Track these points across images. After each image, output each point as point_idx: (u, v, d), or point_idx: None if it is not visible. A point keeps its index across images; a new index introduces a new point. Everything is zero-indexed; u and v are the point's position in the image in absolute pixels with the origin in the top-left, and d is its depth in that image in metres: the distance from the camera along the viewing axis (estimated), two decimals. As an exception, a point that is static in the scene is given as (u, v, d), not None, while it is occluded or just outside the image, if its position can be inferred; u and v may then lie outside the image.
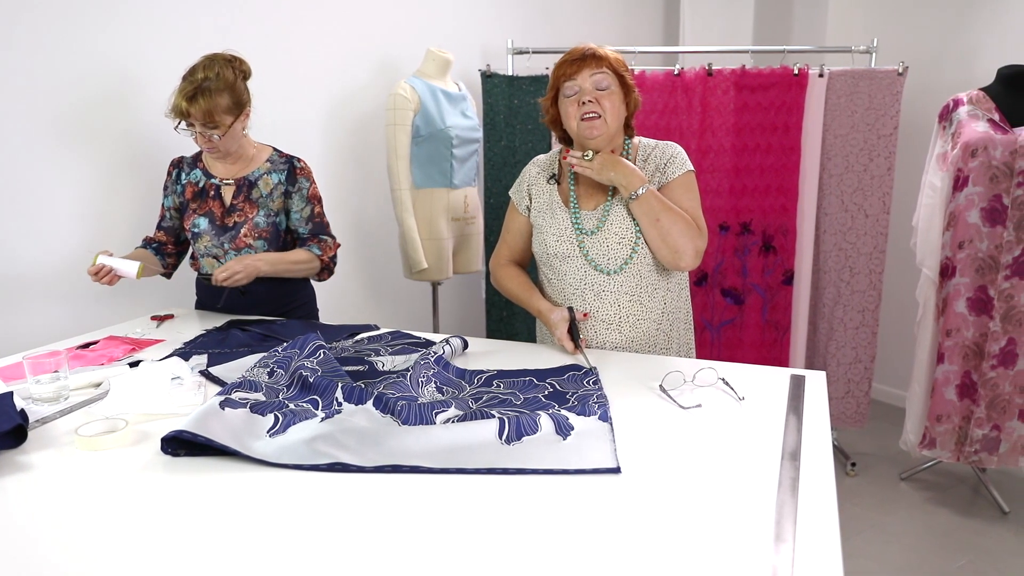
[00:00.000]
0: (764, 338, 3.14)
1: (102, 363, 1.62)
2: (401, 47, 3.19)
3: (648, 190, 1.63)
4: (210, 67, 1.89)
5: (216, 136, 1.93)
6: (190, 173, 2.08)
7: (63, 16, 2.17)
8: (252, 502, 0.99)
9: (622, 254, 1.69)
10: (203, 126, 1.91)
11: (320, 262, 2.11)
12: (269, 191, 2.05)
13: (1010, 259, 2.53)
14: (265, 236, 2.04)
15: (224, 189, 2.06)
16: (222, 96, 1.89)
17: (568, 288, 1.75)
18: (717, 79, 2.98)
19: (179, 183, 2.09)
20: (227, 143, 1.97)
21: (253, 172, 2.05)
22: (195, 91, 1.86)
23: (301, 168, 2.08)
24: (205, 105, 1.86)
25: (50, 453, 1.16)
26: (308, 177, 2.09)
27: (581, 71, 1.64)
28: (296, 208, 2.08)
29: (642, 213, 1.64)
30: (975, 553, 2.47)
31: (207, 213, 2.04)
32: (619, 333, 1.73)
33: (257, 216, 2.03)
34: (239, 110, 1.95)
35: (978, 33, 3.25)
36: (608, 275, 1.70)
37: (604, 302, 1.72)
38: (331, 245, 2.13)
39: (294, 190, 2.06)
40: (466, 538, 0.89)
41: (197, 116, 1.88)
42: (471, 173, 3.05)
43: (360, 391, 1.29)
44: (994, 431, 2.64)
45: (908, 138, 3.44)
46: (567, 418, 1.20)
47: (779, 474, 1.04)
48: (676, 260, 1.66)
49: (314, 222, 2.11)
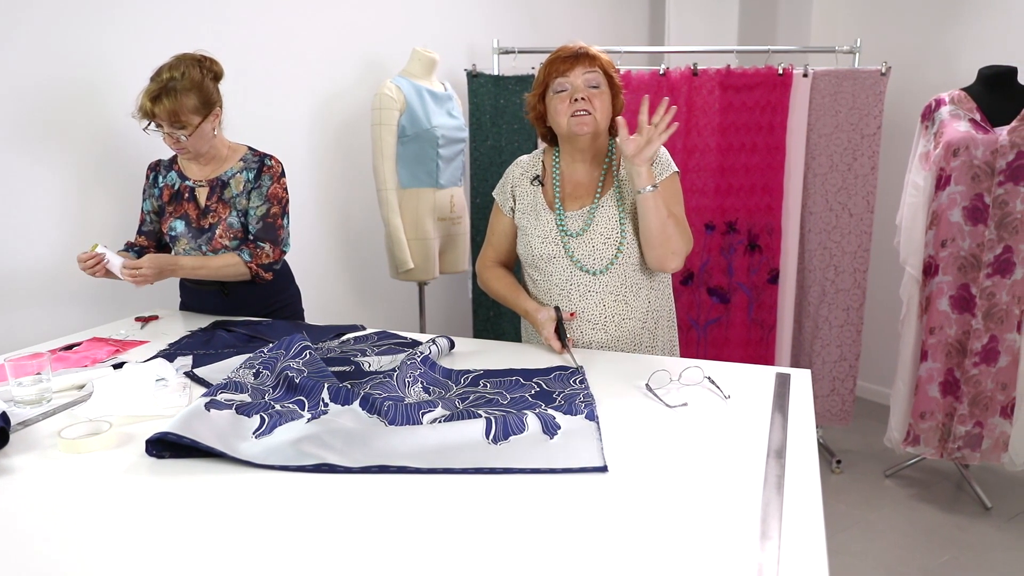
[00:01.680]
0: (750, 337, 3.16)
1: (86, 365, 1.60)
2: (387, 47, 3.18)
3: (658, 187, 1.61)
4: (176, 67, 1.86)
5: (183, 137, 1.89)
6: (166, 176, 2.06)
7: (39, 15, 2.15)
8: (238, 504, 0.98)
9: (607, 254, 1.70)
10: (170, 126, 1.88)
11: (247, 269, 2.00)
12: (241, 190, 2.01)
13: (991, 257, 2.56)
14: (240, 236, 2.02)
15: (198, 191, 2.03)
16: (188, 96, 1.86)
17: (554, 289, 1.75)
18: (702, 79, 2.99)
19: (156, 186, 2.06)
20: (196, 143, 1.93)
21: (226, 172, 2.02)
22: (160, 91, 1.83)
23: (269, 167, 2.03)
24: (170, 105, 1.83)
25: (33, 456, 1.15)
26: (272, 175, 2.02)
27: (574, 68, 1.64)
28: (253, 205, 2.01)
29: (655, 207, 1.60)
30: (958, 548, 2.50)
31: (183, 216, 2.02)
32: (604, 332, 1.74)
33: (230, 216, 2.00)
34: (207, 110, 1.91)
35: (959, 34, 3.29)
36: (594, 275, 1.71)
37: (589, 302, 1.72)
38: (268, 253, 2.00)
39: (256, 187, 2.01)
40: (453, 538, 0.89)
41: (162, 116, 1.85)
42: (457, 173, 3.05)
43: (347, 392, 1.29)
44: (976, 428, 2.67)
45: (891, 138, 3.47)
46: (554, 417, 1.20)
47: (765, 472, 1.05)
48: (666, 262, 1.66)
49: (265, 222, 2.01)
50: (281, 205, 2.04)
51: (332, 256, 3.16)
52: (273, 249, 2.02)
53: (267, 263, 2.01)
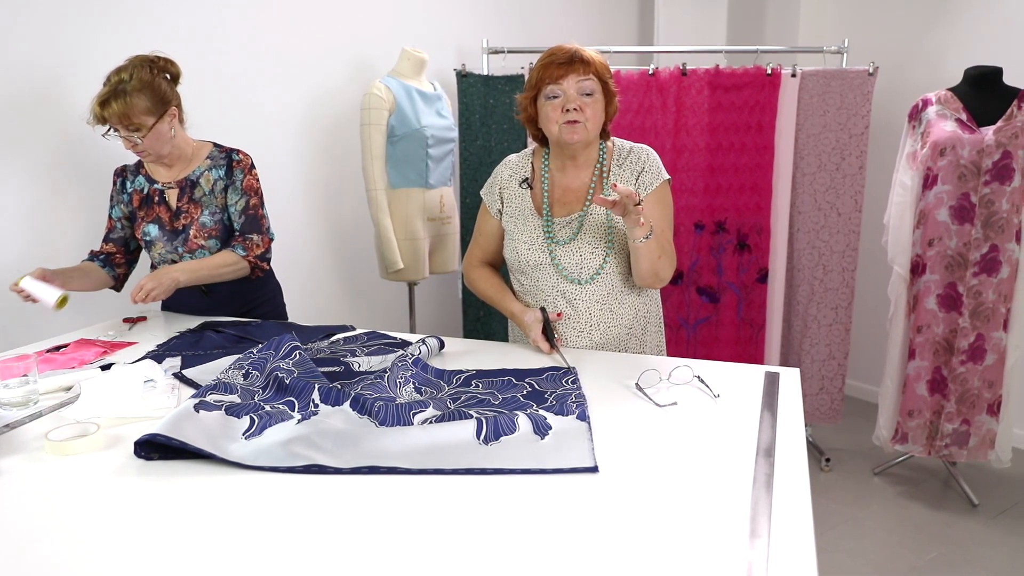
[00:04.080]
0: (739, 336, 3.17)
1: (73, 366, 1.59)
2: (376, 46, 3.17)
3: (653, 234, 1.60)
4: (125, 69, 1.84)
5: (139, 140, 1.87)
6: (134, 180, 2.04)
7: (44, 14, 2.14)
8: (228, 505, 0.98)
9: (594, 264, 1.69)
10: (124, 129, 1.86)
11: (247, 263, 2.02)
12: (211, 188, 2.00)
13: (978, 256, 2.58)
14: (215, 235, 2.01)
15: (168, 193, 2.01)
16: (138, 97, 1.83)
17: (540, 294, 1.74)
18: (691, 79, 3.00)
19: (125, 192, 2.05)
20: (153, 145, 1.91)
21: (194, 171, 2.01)
22: (109, 95, 1.82)
23: (239, 161, 2.02)
24: (119, 108, 1.81)
25: (19, 459, 1.14)
26: (243, 168, 2.02)
27: (567, 76, 1.60)
28: (232, 201, 2.01)
29: (647, 252, 1.60)
30: (946, 545, 2.52)
31: (155, 220, 2.01)
32: (589, 339, 1.74)
33: (203, 216, 1.99)
34: (161, 109, 1.88)
35: (945, 35, 3.31)
36: (580, 285, 1.70)
37: (575, 309, 1.72)
38: (259, 243, 2.03)
39: (230, 183, 2.01)
40: (444, 539, 0.89)
41: (114, 120, 1.83)
42: (447, 173, 3.05)
43: (337, 392, 1.29)
44: (964, 425, 2.69)
45: (879, 137, 3.49)
46: (545, 418, 1.20)
47: (754, 470, 1.05)
48: (653, 283, 1.68)
49: (247, 215, 2.02)
50: (258, 196, 2.05)
51: (321, 256, 3.15)
52: (262, 239, 2.04)
53: (260, 253, 2.04)
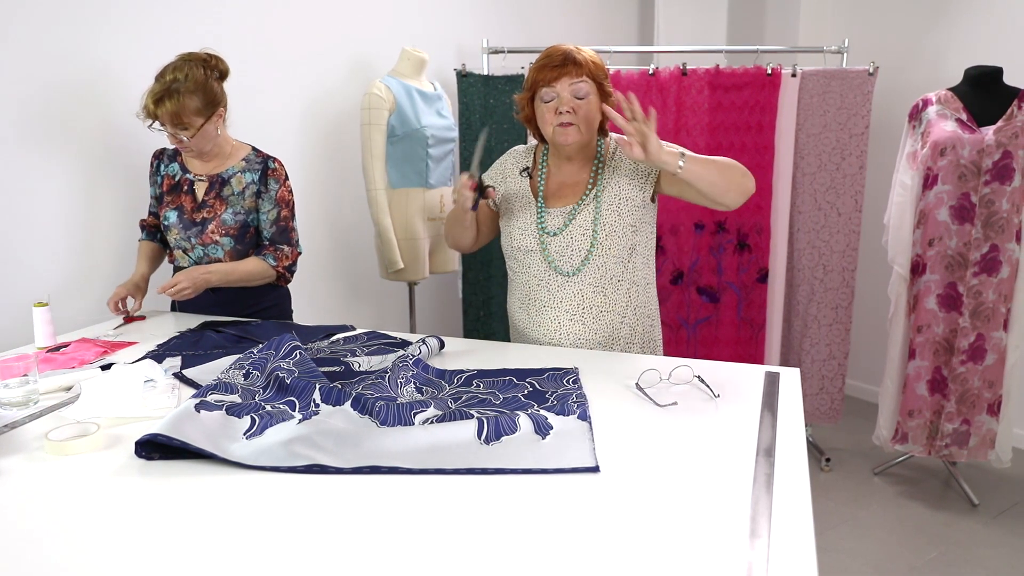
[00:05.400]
0: (739, 336, 3.17)
1: (73, 366, 1.59)
2: (376, 46, 3.17)
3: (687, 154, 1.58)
4: (180, 68, 1.87)
5: (185, 137, 1.91)
6: (169, 166, 2.08)
7: (38, 15, 2.14)
8: (229, 505, 0.98)
9: (578, 258, 1.71)
10: (173, 127, 1.89)
11: (275, 272, 2.07)
12: (241, 189, 2.03)
13: (978, 256, 2.58)
14: (232, 233, 2.03)
15: (197, 185, 2.05)
16: (191, 98, 1.87)
17: (532, 280, 1.76)
18: (691, 79, 3.00)
19: (158, 174, 2.09)
20: (199, 143, 1.95)
21: (228, 170, 2.04)
22: (163, 93, 1.85)
23: (274, 170, 2.06)
24: (172, 108, 1.85)
25: (19, 459, 1.14)
26: (278, 179, 2.06)
27: (560, 79, 1.63)
28: (264, 210, 2.05)
29: (697, 173, 1.57)
30: (946, 545, 2.52)
31: (178, 207, 2.03)
32: (582, 324, 1.74)
33: (225, 213, 2.02)
34: (210, 111, 1.93)
35: (946, 35, 3.31)
36: (567, 277, 1.72)
37: (567, 293, 1.73)
38: (288, 255, 2.08)
39: (265, 191, 2.05)
40: (445, 539, 0.89)
41: (165, 118, 1.87)
42: (447, 173, 3.05)
43: (338, 392, 1.29)
44: (964, 425, 2.69)
45: (879, 137, 3.49)
46: (546, 418, 1.20)
47: (754, 470, 1.05)
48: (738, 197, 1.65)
49: (278, 226, 2.06)
50: (290, 208, 2.10)
51: (322, 256, 3.15)
52: (291, 251, 2.09)
53: (288, 264, 2.09)
